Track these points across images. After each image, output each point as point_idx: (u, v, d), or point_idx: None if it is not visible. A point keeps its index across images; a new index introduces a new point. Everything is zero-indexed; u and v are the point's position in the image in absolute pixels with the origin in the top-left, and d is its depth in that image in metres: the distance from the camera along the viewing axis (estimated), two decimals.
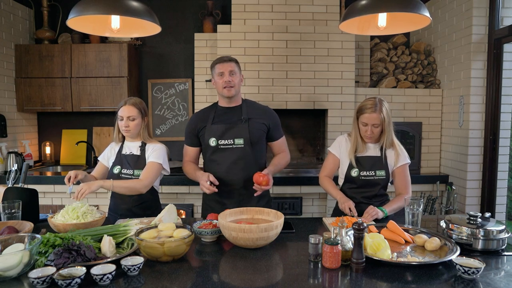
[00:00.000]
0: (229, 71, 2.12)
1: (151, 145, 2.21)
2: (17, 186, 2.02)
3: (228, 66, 2.12)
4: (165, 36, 3.92)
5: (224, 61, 2.14)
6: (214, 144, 2.17)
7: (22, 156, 3.52)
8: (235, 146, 2.16)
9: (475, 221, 1.61)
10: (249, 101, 2.30)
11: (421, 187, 3.48)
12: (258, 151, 2.22)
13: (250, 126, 2.17)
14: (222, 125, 2.17)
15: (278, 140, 2.31)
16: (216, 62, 2.17)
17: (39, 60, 3.64)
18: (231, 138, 2.16)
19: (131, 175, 2.15)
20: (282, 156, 2.32)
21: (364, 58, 3.78)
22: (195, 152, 2.33)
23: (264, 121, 2.22)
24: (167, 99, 4.01)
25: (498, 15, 3.03)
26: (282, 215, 1.69)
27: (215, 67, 2.16)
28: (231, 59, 2.17)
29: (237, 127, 2.16)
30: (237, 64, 2.18)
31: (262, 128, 2.21)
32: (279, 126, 2.30)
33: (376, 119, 2.03)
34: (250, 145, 2.16)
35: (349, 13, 1.83)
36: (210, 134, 2.18)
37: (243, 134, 2.15)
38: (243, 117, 2.18)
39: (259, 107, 2.29)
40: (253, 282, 1.29)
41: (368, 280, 1.31)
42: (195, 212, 3.43)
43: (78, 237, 1.47)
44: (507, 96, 3.06)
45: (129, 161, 2.17)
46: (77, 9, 1.74)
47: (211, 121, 2.20)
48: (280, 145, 2.33)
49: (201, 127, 2.22)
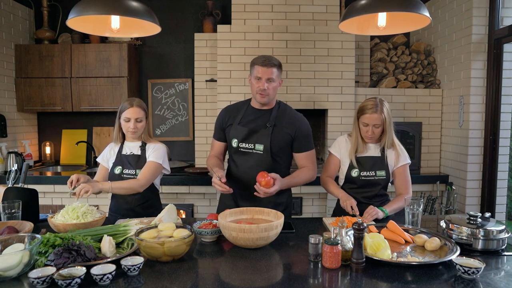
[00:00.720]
0: (267, 78, 2.00)
1: (151, 144, 2.21)
2: (17, 186, 2.01)
3: (268, 73, 2.00)
4: (165, 36, 3.92)
5: (266, 65, 2.00)
6: (235, 146, 2.12)
7: (22, 156, 3.52)
8: (255, 152, 2.08)
9: (475, 221, 1.61)
10: (282, 105, 2.17)
11: (421, 187, 3.48)
12: (279, 161, 2.11)
13: (274, 133, 2.07)
14: (246, 128, 2.09)
15: (303, 153, 2.14)
16: (257, 62, 2.03)
17: (39, 60, 3.64)
18: (252, 142, 2.08)
19: (134, 175, 2.14)
20: (306, 171, 2.13)
21: (364, 58, 3.78)
22: (222, 147, 2.24)
23: (289, 131, 2.09)
24: (167, 99, 4.01)
25: (498, 15, 3.03)
26: (282, 215, 1.69)
27: (254, 67, 2.03)
28: (274, 64, 2.02)
29: (260, 132, 2.07)
30: (278, 68, 2.05)
31: (286, 138, 2.09)
32: (307, 138, 2.14)
33: (377, 119, 2.03)
34: (269, 153, 2.06)
35: (349, 13, 1.83)
36: (234, 134, 2.12)
37: (264, 141, 2.06)
38: (269, 123, 2.08)
39: (289, 114, 2.14)
40: (253, 282, 1.29)
41: (368, 280, 1.31)
42: (195, 212, 3.43)
43: (78, 237, 1.47)
44: (507, 96, 3.06)
45: (131, 161, 2.17)
46: (77, 9, 1.74)
47: (238, 120, 2.12)
48: (305, 158, 2.15)
49: (229, 123, 2.16)
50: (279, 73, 2.07)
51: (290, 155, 2.19)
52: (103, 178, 2.25)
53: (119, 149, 2.23)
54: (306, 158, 2.16)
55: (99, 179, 2.25)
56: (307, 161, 2.16)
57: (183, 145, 4.04)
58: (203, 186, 3.31)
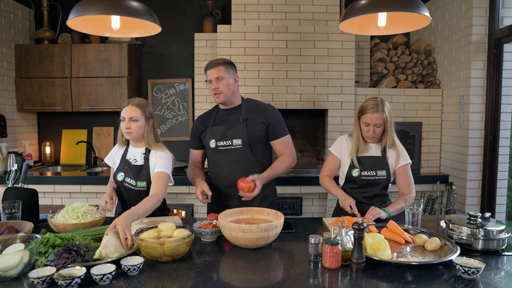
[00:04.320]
0: (215, 78, 2.09)
1: (155, 152, 2.05)
2: (17, 186, 2.01)
3: (215, 73, 2.09)
4: (165, 36, 3.92)
5: (210, 67, 2.11)
6: (213, 146, 2.17)
7: (22, 156, 3.52)
8: (233, 147, 2.15)
9: (475, 221, 1.61)
10: (250, 101, 2.26)
11: (421, 187, 3.48)
12: (259, 152, 2.18)
13: (248, 126, 2.14)
14: (221, 127, 2.16)
15: (279, 139, 2.20)
16: (205, 68, 2.15)
17: (39, 60, 3.64)
18: (229, 139, 2.15)
19: (134, 186, 2.05)
20: (284, 158, 2.19)
21: (364, 58, 3.78)
22: (199, 155, 2.32)
23: (262, 119, 2.16)
24: (167, 99, 4.01)
25: (498, 15, 3.03)
26: (282, 215, 1.69)
27: (206, 73, 2.15)
28: (218, 62, 2.11)
29: (235, 128, 2.15)
30: (226, 65, 2.11)
31: (261, 127, 2.16)
32: (280, 124, 2.20)
33: (378, 119, 2.03)
34: (248, 146, 2.13)
35: (349, 13, 1.83)
36: (210, 136, 2.18)
37: (240, 135, 2.13)
38: (241, 117, 2.16)
39: (258, 106, 2.23)
40: (253, 282, 1.29)
41: (368, 280, 1.31)
42: (195, 212, 3.43)
43: (78, 237, 1.47)
44: (507, 96, 3.06)
45: (133, 170, 2.06)
46: (77, 9, 1.74)
47: (212, 123, 2.20)
48: (281, 144, 2.20)
49: (203, 129, 2.23)
50: (228, 70, 2.12)
51: (268, 148, 2.24)
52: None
53: (124, 153, 2.14)
54: (283, 144, 2.22)
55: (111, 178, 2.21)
56: (284, 147, 2.22)
57: (183, 145, 4.03)
58: None
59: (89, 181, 3.29)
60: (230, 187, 2.15)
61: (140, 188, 2.04)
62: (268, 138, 2.22)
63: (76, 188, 3.29)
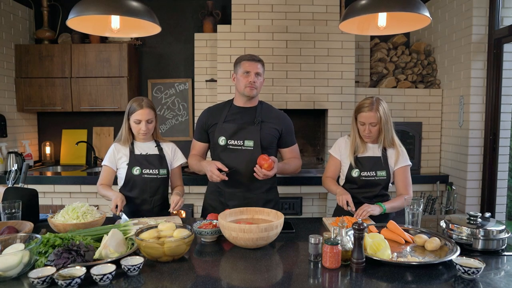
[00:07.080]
0: (256, 72, 2.07)
1: (165, 144, 2.23)
2: (17, 186, 2.01)
3: (256, 67, 2.07)
4: (165, 36, 3.92)
5: (254, 60, 2.08)
6: (223, 144, 2.12)
7: (22, 156, 3.52)
8: (244, 148, 2.11)
9: (475, 221, 1.61)
10: (265, 104, 2.24)
11: (421, 187, 3.48)
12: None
13: (262, 129, 2.12)
14: (233, 125, 2.12)
15: (290, 147, 2.25)
16: (243, 59, 2.10)
17: (39, 60, 3.64)
18: (241, 139, 2.11)
19: (157, 174, 2.14)
20: (294, 160, 2.25)
21: (364, 58, 3.78)
22: (203, 148, 2.28)
23: (276, 126, 2.16)
24: (167, 99, 4.01)
25: (498, 15, 3.03)
26: (282, 215, 1.69)
27: (241, 63, 2.09)
28: (260, 59, 2.11)
29: (248, 129, 2.11)
30: (263, 65, 2.13)
31: (274, 133, 2.16)
32: (291, 133, 2.24)
33: (373, 117, 2.03)
34: (260, 149, 2.10)
35: (349, 13, 1.83)
36: (221, 133, 2.13)
37: (254, 137, 2.10)
38: (256, 119, 2.13)
39: (274, 112, 2.22)
40: (253, 282, 1.29)
41: (368, 280, 1.31)
42: (195, 212, 3.43)
43: (78, 237, 1.47)
44: (507, 96, 3.06)
45: (151, 161, 2.13)
46: (77, 9, 1.74)
47: (223, 119, 2.15)
48: (291, 152, 2.26)
49: (212, 123, 2.17)
50: (263, 70, 2.15)
51: (275, 151, 2.25)
52: (109, 180, 2.16)
53: (131, 150, 2.14)
54: (292, 152, 2.27)
55: (105, 181, 2.15)
56: (293, 154, 2.27)
57: (183, 145, 3.99)
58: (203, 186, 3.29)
59: (89, 181, 3.29)
60: (233, 187, 2.14)
61: (162, 176, 2.16)
62: (278, 145, 2.24)
63: (76, 188, 3.29)
